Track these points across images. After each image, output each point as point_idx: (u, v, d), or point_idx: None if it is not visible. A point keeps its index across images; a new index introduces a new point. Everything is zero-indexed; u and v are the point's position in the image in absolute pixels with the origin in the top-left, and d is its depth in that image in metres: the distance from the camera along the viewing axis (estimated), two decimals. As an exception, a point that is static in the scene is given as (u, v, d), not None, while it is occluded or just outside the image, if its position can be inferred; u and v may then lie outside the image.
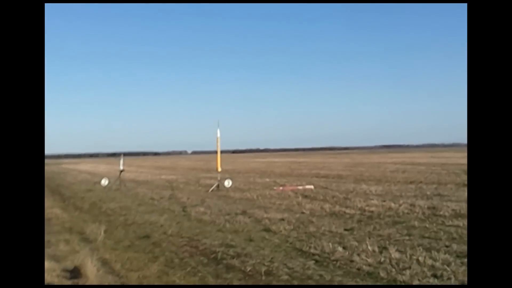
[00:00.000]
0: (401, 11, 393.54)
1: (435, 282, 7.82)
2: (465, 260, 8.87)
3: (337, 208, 16.47)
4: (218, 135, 26.34)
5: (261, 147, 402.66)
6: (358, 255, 9.57)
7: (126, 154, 43.83)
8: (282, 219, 14.15)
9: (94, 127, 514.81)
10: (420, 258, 9.11)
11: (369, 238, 11.19)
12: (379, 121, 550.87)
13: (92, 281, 8.56)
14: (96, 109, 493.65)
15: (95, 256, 10.07)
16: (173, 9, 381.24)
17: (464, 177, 28.52)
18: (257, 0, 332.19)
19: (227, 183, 26.42)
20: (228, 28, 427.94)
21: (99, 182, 32.97)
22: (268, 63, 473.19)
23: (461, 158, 64.75)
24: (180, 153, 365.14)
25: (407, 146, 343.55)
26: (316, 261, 9.34)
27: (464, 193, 19.64)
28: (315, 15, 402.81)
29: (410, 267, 8.57)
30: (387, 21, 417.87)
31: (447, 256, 9.23)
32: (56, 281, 8.54)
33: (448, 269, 8.37)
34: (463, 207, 15.50)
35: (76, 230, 13.66)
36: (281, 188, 25.23)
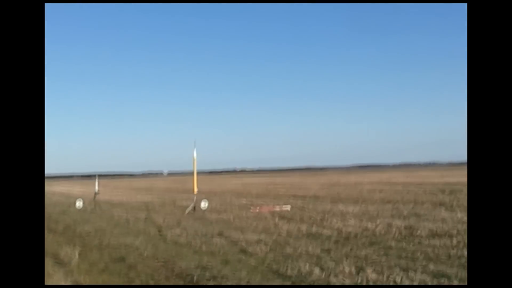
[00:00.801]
0: (381, 30, 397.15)
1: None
2: (442, 280, 8.90)
3: (314, 229, 16.41)
4: (195, 155, 26.21)
5: (238, 167, 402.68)
6: (335, 276, 9.52)
7: (101, 175, 43.53)
8: (259, 241, 14.05)
9: (68, 148, 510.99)
10: (397, 278, 9.08)
11: (346, 259, 11.14)
12: (355, 140, 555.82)
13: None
14: (70, 129, 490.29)
15: (69, 279, 9.94)
16: (150, 26, 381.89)
17: (441, 197, 28.69)
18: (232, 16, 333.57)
19: (204, 204, 26.25)
20: (202, 48, 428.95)
21: (74, 204, 32.64)
22: (243, 82, 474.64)
23: (438, 177, 65.29)
24: (156, 174, 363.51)
25: (384, 166, 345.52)
26: (293, 282, 9.27)
27: (441, 213, 19.75)
28: (289, 35, 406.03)
29: (387, 288, 8.55)
30: (367, 40, 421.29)
31: (424, 276, 9.22)
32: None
33: (425, 289, 8.36)
34: (440, 226, 15.56)
35: (50, 253, 13.40)
36: (257, 209, 25.13)
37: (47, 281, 9.76)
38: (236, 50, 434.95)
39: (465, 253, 11.09)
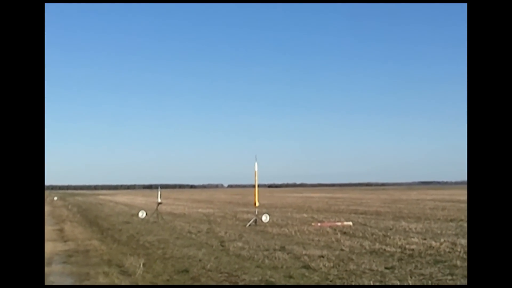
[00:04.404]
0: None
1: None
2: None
3: (377, 245, 16.25)
4: (256, 169, 26.27)
5: (298, 182, 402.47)
6: (401, 295, 9.41)
7: (162, 186, 44.19)
8: (322, 256, 13.99)
9: (130, 159, 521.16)
10: (464, 299, 8.92)
11: (411, 277, 11.00)
12: (416, 157, 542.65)
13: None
14: (132, 140, 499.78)
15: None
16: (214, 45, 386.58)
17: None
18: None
19: (265, 218, 26.31)
20: (261, 61, 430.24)
21: (136, 214, 33.28)
22: (304, 96, 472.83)
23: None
24: (216, 186, 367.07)
25: (446, 183, 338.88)
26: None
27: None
28: (352, 64, 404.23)
29: (454, 309, 8.40)
30: (419, 58, 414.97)
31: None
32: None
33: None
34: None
35: (115, 263, 13.67)
36: (319, 224, 25.03)
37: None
38: (297, 64, 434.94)
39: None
